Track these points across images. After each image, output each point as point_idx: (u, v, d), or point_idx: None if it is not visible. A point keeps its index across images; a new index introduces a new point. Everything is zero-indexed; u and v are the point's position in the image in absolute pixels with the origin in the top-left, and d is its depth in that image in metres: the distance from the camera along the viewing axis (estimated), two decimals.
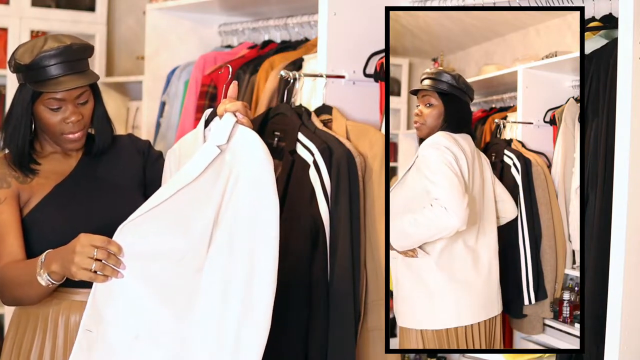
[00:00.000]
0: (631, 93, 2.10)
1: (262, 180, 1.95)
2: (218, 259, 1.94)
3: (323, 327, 2.47)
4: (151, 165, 2.34)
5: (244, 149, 1.98)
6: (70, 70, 2.10)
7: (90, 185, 2.23)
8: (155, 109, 3.90)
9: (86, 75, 2.15)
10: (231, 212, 1.95)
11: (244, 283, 1.92)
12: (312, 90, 2.81)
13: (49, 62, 2.08)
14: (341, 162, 2.47)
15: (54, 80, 2.09)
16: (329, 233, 2.48)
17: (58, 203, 2.16)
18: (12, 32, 4.30)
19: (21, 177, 2.16)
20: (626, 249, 2.12)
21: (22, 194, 2.16)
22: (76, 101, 2.15)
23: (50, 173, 2.21)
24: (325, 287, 2.48)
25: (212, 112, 2.10)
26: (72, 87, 2.10)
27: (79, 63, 2.13)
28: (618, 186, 2.13)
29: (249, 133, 2.00)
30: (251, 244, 1.93)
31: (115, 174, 2.27)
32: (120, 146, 2.33)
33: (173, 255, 1.94)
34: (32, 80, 2.11)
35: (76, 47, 2.12)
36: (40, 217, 2.14)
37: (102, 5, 4.58)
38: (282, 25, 3.55)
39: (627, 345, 2.14)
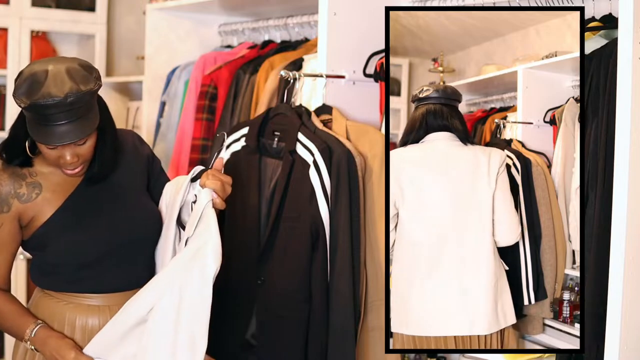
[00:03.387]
0: (631, 93, 2.10)
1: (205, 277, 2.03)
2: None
3: (323, 327, 2.47)
4: (155, 180, 2.31)
5: (205, 237, 2.06)
6: (67, 119, 1.95)
7: (103, 193, 2.17)
8: (155, 109, 3.90)
9: (85, 122, 1.99)
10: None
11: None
12: (312, 90, 2.81)
13: (45, 111, 1.92)
14: (341, 162, 2.47)
15: (50, 128, 1.95)
16: (329, 233, 2.48)
17: (73, 216, 2.11)
18: (12, 32, 4.30)
19: (26, 194, 2.09)
20: (626, 249, 2.12)
21: (26, 213, 2.09)
22: (74, 143, 2.02)
23: (56, 186, 2.13)
24: (325, 287, 2.48)
25: (201, 171, 2.13)
26: (65, 142, 1.97)
27: (78, 110, 1.96)
28: (618, 186, 2.13)
29: (213, 224, 2.05)
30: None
31: (125, 176, 2.22)
32: (125, 146, 2.25)
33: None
34: (30, 118, 1.98)
35: (72, 98, 1.93)
36: (55, 232, 2.10)
37: (102, 5, 4.58)
38: (282, 25, 3.55)
39: (627, 345, 2.14)
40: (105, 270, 2.13)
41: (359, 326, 2.50)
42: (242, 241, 2.66)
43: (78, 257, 2.10)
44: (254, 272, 2.59)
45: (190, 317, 2.01)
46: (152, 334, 2.02)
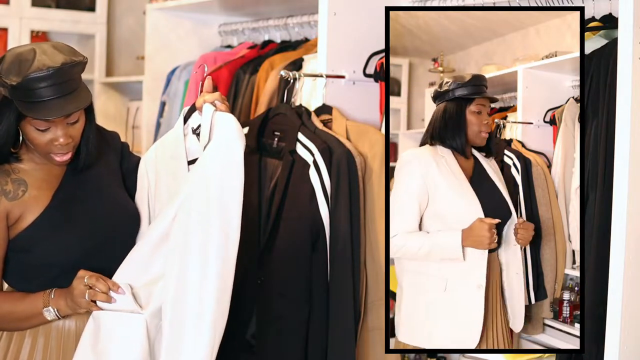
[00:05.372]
0: (631, 93, 2.10)
1: (231, 149, 1.99)
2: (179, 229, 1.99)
3: (323, 327, 2.47)
4: (129, 173, 2.25)
5: (221, 127, 2.03)
6: (60, 93, 1.92)
7: (86, 189, 2.12)
8: (155, 109, 3.90)
9: (78, 96, 1.97)
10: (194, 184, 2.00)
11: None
12: (312, 90, 2.81)
13: (38, 84, 1.89)
14: (341, 162, 2.47)
15: (43, 104, 1.91)
16: (329, 233, 2.48)
17: (62, 214, 2.06)
18: (12, 32, 4.30)
19: (12, 192, 2.01)
20: (626, 249, 2.12)
21: (13, 211, 2.01)
22: (66, 121, 1.99)
23: (41, 182, 2.07)
24: (325, 287, 2.48)
25: (190, 109, 2.12)
26: (61, 115, 1.93)
27: (71, 83, 1.94)
28: (618, 186, 2.13)
29: (225, 115, 2.03)
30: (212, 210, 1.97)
31: (104, 170, 2.18)
32: (110, 141, 2.23)
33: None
34: (19, 99, 1.92)
35: (67, 67, 1.92)
36: (44, 231, 2.03)
37: (102, 5, 4.59)
38: (282, 25, 3.56)
39: (627, 345, 2.14)
40: (88, 269, 2.04)
41: (359, 326, 2.50)
42: (242, 241, 2.65)
43: (69, 256, 2.04)
44: (254, 272, 2.59)
45: (220, 206, 1.95)
46: (181, 231, 1.96)
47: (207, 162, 2.00)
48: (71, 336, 2.07)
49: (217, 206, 1.96)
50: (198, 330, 1.95)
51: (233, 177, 1.99)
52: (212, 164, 1.99)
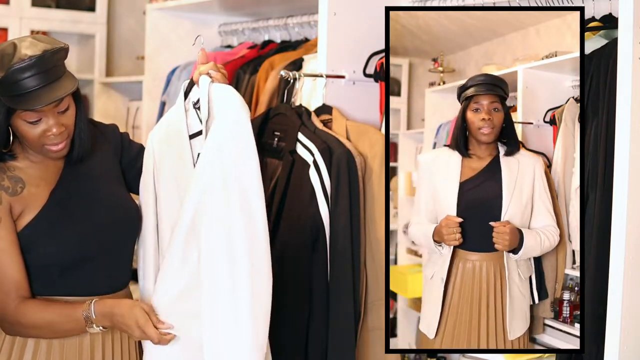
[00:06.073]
0: (631, 93, 2.10)
1: (239, 123, 1.99)
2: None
3: (323, 327, 2.47)
4: (131, 162, 2.24)
5: (221, 99, 2.04)
6: (46, 81, 1.91)
7: (84, 186, 2.11)
8: (155, 109, 3.90)
9: (64, 82, 1.96)
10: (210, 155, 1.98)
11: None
12: (312, 90, 2.81)
13: (23, 75, 1.89)
14: (341, 162, 2.47)
15: (30, 94, 1.90)
16: (329, 233, 2.47)
17: (62, 211, 2.04)
18: (12, 32, 4.30)
19: (11, 188, 2.00)
20: (626, 249, 2.12)
21: (15, 207, 2.00)
22: (56, 110, 1.97)
23: (38, 180, 2.05)
24: (325, 287, 2.48)
25: (189, 83, 2.14)
26: (50, 102, 1.92)
27: (55, 70, 1.94)
28: (618, 186, 2.13)
29: (222, 87, 2.05)
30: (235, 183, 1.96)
31: (101, 167, 2.16)
32: (105, 133, 2.22)
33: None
34: (5, 94, 1.92)
35: (49, 54, 1.91)
36: (45, 230, 2.01)
37: (102, 5, 4.59)
38: (282, 25, 3.56)
39: (627, 345, 2.14)
40: (88, 269, 2.05)
41: (359, 326, 2.50)
42: None
43: (68, 255, 2.02)
44: None
45: (242, 203, 1.94)
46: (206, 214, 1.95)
47: (219, 145, 1.96)
48: (74, 341, 2.05)
49: (238, 206, 1.94)
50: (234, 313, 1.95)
51: (248, 158, 1.97)
52: (225, 149, 1.96)
